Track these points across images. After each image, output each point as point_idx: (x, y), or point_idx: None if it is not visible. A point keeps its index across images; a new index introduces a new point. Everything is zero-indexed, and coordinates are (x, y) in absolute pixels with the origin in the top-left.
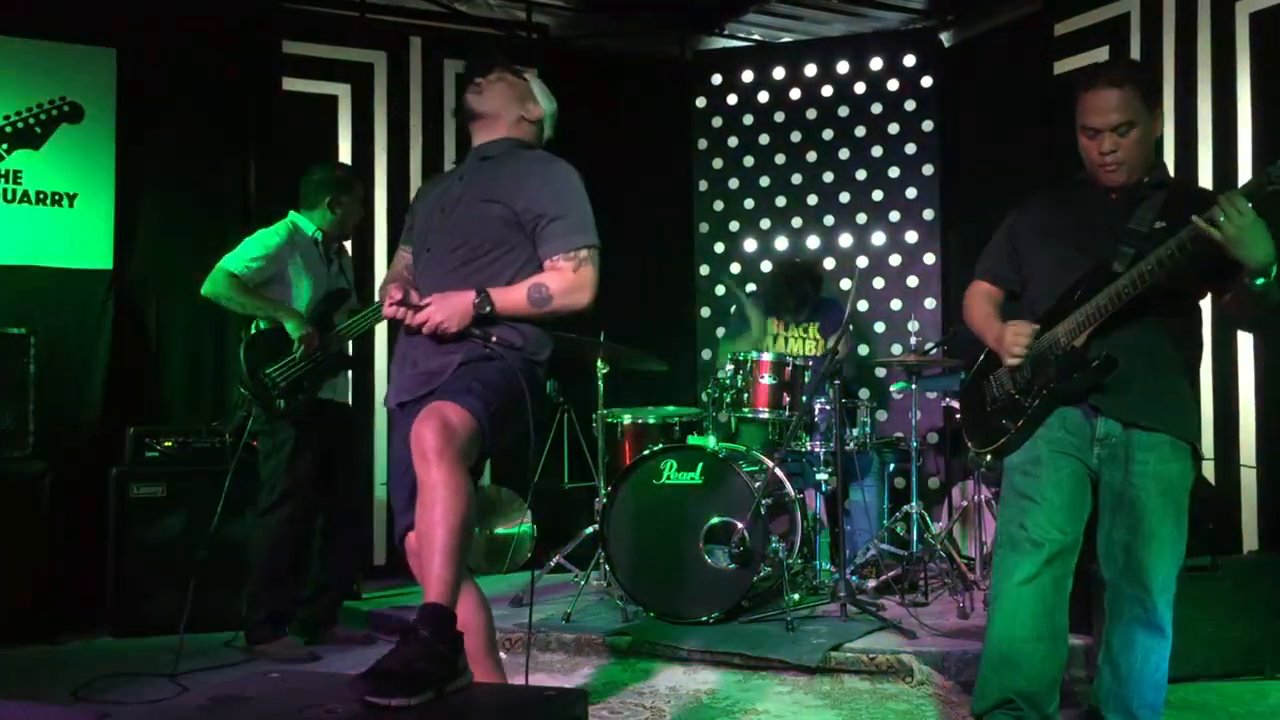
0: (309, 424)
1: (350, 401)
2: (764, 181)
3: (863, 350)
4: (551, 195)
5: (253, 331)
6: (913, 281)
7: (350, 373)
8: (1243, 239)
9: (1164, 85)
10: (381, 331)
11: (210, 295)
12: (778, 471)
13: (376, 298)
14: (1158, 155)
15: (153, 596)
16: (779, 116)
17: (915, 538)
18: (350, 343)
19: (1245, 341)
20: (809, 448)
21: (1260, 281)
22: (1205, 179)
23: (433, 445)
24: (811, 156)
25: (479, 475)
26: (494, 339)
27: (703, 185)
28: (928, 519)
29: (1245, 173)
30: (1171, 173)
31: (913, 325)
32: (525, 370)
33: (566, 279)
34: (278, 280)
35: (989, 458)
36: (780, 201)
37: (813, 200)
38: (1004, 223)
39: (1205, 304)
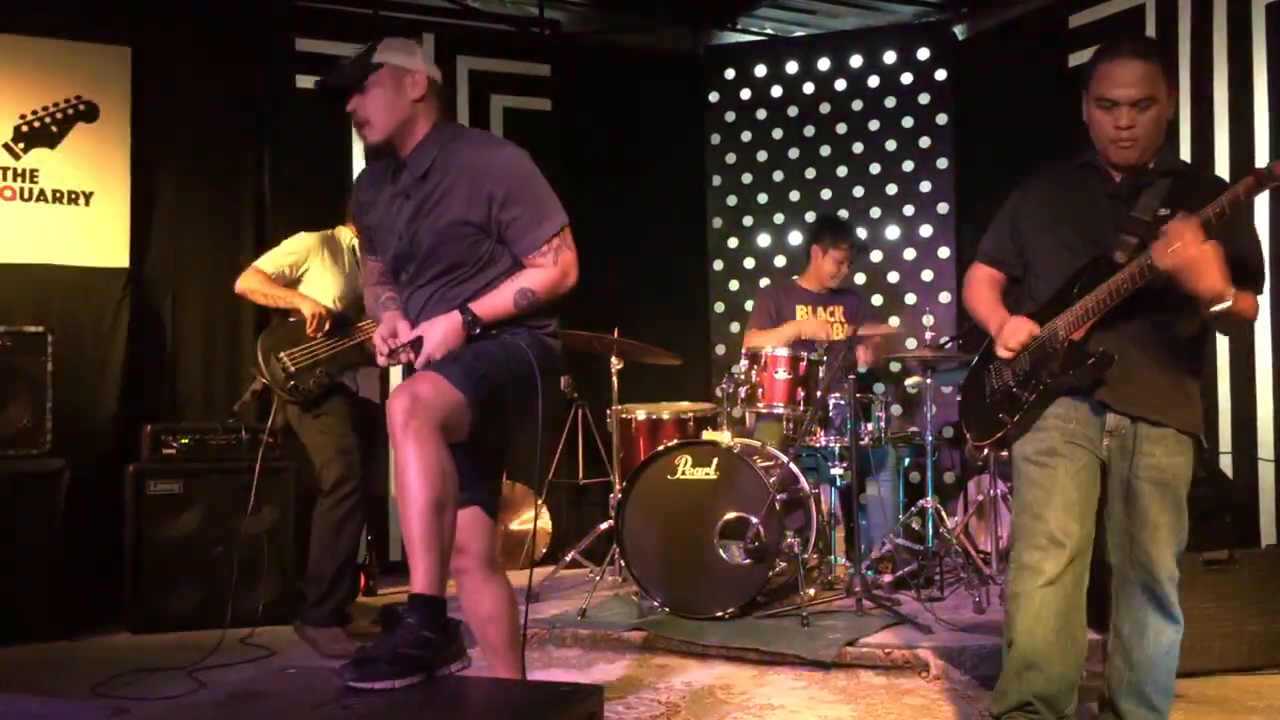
0: (344, 412)
1: (376, 399)
2: (777, 176)
3: None
4: (506, 192)
5: (274, 321)
6: (927, 275)
7: (375, 372)
8: (1187, 270)
9: (1179, 77)
10: None
11: (240, 290)
12: (792, 467)
13: (366, 301)
14: (1171, 142)
15: (170, 593)
16: (792, 111)
17: (931, 532)
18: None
19: (1263, 336)
20: (824, 442)
21: (1212, 309)
22: (1221, 171)
23: (399, 420)
24: (825, 151)
25: (508, 457)
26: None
27: (716, 180)
28: (943, 513)
29: (1261, 163)
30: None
31: (927, 319)
32: (533, 341)
33: (548, 275)
34: (305, 277)
35: (985, 450)
36: (794, 196)
37: (826, 194)
38: (1006, 203)
39: None
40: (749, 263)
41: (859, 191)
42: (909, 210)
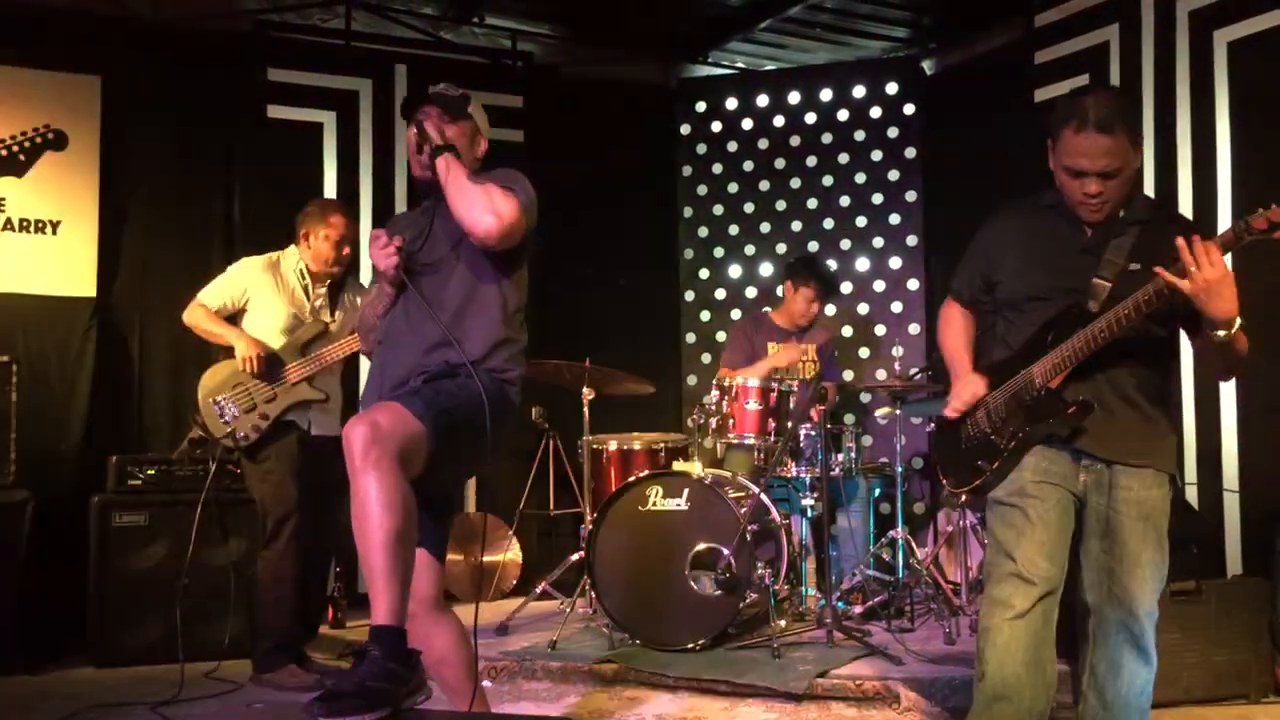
0: (291, 456)
1: (337, 433)
2: (748, 208)
3: (847, 375)
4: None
5: (219, 360)
6: (897, 307)
7: (332, 406)
8: (1209, 292)
9: (1143, 113)
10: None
11: (187, 324)
12: (763, 497)
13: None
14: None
15: (134, 626)
16: (763, 143)
17: (901, 563)
18: (335, 378)
19: None
20: (795, 473)
21: (1221, 333)
22: (1185, 208)
23: (358, 449)
24: (795, 183)
25: (458, 498)
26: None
27: (687, 212)
28: (913, 544)
29: (1225, 200)
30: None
31: (897, 350)
32: (492, 385)
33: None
34: (249, 307)
35: (964, 497)
36: (764, 228)
37: (796, 226)
38: (975, 240)
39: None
40: (720, 294)
41: (829, 224)
42: (878, 242)
